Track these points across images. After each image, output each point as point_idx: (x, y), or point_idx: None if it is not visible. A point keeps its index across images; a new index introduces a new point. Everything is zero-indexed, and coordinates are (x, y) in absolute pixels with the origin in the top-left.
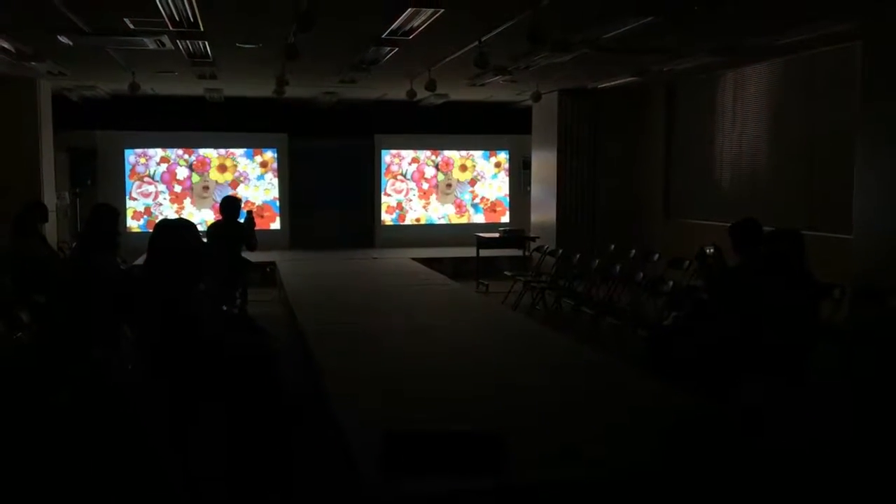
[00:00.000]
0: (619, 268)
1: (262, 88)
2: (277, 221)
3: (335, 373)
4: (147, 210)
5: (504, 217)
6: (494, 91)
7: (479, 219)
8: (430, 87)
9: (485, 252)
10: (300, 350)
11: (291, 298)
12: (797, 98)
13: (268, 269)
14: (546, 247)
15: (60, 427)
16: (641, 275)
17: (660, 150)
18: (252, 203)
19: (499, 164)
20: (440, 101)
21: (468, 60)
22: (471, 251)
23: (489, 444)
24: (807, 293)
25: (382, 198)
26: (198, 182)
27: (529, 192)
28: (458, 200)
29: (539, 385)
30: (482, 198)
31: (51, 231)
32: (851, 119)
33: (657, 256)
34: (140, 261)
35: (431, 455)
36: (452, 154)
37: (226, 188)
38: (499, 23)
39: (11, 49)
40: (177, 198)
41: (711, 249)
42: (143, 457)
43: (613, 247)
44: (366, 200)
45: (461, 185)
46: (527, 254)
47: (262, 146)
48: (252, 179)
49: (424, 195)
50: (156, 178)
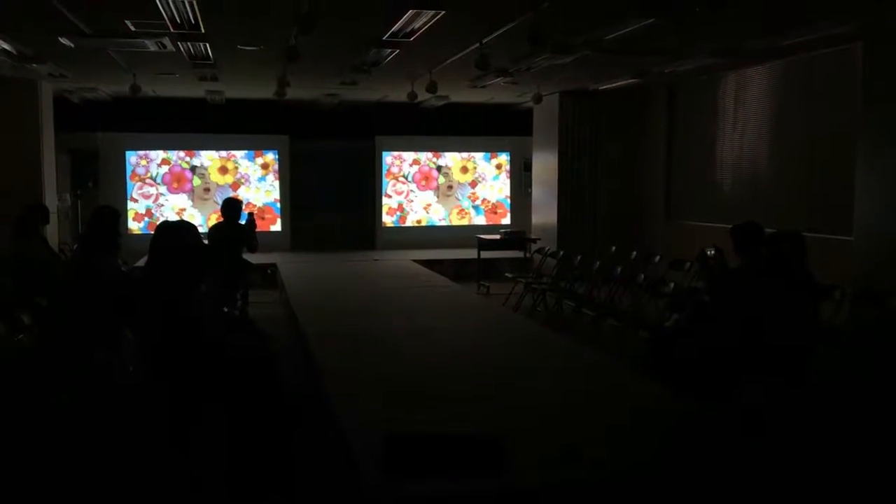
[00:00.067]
0: (620, 269)
1: (264, 90)
2: (278, 223)
3: (336, 374)
4: (148, 212)
5: (505, 219)
6: (495, 93)
7: (480, 220)
8: (431, 89)
9: (486, 254)
10: (301, 351)
11: (292, 300)
12: (798, 99)
13: (269, 271)
14: (547, 248)
15: (62, 429)
16: (642, 276)
17: (661, 152)
18: (253, 205)
19: (500, 166)
20: (441, 103)
21: (469, 62)
22: (472, 253)
23: (490, 446)
24: (807, 295)
25: (383, 199)
26: (199, 185)
27: (530, 194)
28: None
29: (540, 387)
30: (483, 199)
31: (52, 233)
32: (852, 120)
33: (658, 258)
34: (141, 262)
35: (432, 456)
36: (454, 156)
37: (227, 190)
38: (500, 24)
39: (13, 51)
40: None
41: (712, 251)
42: (145, 458)
43: (614, 248)
44: (367, 202)
45: (462, 187)
46: (528, 255)
47: (264, 148)
48: (253, 181)
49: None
50: (157, 180)
